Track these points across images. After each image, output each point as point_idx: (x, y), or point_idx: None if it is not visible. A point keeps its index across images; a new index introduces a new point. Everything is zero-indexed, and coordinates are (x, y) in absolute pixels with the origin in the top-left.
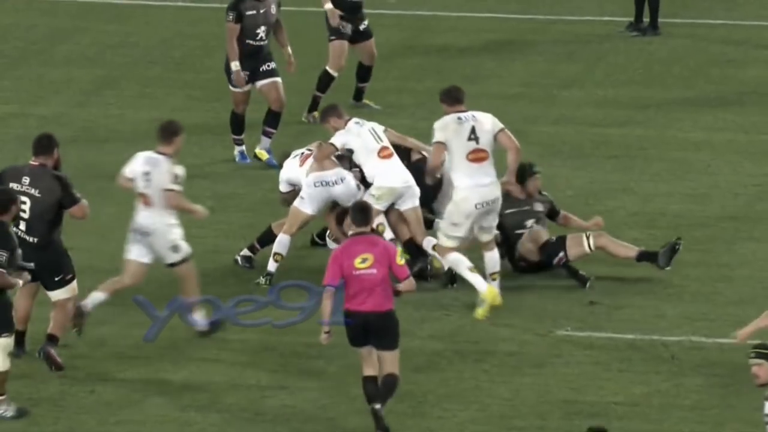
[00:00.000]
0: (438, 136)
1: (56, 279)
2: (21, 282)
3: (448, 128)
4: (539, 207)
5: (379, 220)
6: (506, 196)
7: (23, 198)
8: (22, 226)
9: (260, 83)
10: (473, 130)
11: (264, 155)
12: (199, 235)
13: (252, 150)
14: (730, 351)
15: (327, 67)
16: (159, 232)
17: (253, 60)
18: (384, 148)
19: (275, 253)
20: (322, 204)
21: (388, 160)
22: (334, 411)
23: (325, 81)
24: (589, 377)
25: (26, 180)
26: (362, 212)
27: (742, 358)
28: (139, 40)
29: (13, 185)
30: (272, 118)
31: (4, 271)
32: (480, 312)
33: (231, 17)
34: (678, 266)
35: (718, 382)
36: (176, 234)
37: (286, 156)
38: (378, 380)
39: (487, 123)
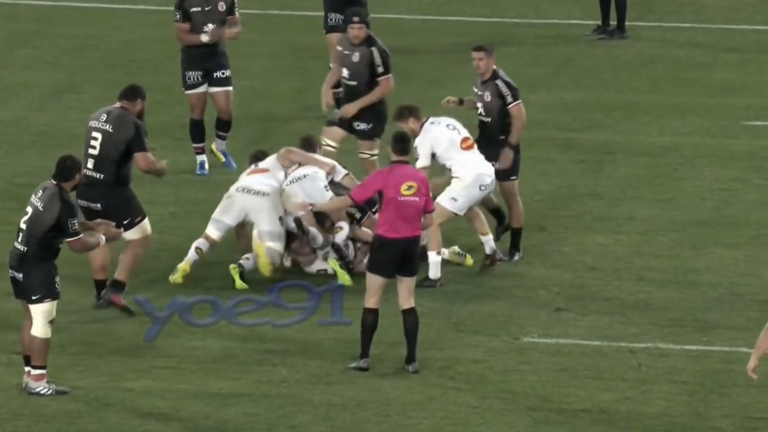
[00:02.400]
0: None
1: (124, 222)
2: (103, 239)
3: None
4: None
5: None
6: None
7: (96, 134)
8: (90, 164)
9: (212, 89)
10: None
11: (221, 158)
12: (161, 240)
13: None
14: (698, 358)
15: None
16: None
17: (207, 62)
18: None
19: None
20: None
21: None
22: (297, 419)
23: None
24: (556, 384)
25: (104, 117)
26: (402, 142)
27: (709, 365)
28: (100, 43)
29: (93, 123)
30: (222, 125)
31: (81, 235)
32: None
33: (178, 16)
34: (645, 272)
35: (686, 390)
36: None
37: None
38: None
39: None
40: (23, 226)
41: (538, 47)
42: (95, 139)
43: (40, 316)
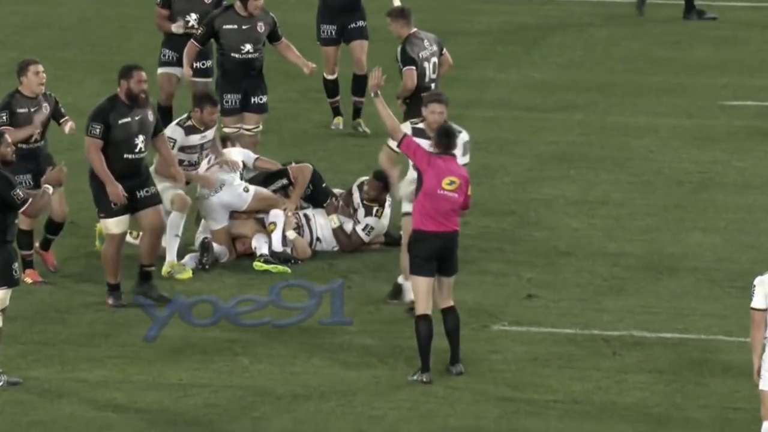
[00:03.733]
0: None
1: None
2: (49, 189)
3: None
4: None
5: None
6: None
7: None
8: None
9: (193, 79)
10: None
11: None
12: None
13: None
14: (674, 346)
15: (323, 73)
16: None
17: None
18: None
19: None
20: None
21: None
22: (260, 410)
23: (327, 86)
24: (527, 374)
25: None
26: (448, 137)
27: (686, 354)
28: (53, 21)
29: None
30: None
31: (29, 201)
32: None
33: (159, 0)
34: (620, 257)
35: (662, 379)
36: None
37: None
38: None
39: None
40: None
41: (508, 25)
42: None
43: None
